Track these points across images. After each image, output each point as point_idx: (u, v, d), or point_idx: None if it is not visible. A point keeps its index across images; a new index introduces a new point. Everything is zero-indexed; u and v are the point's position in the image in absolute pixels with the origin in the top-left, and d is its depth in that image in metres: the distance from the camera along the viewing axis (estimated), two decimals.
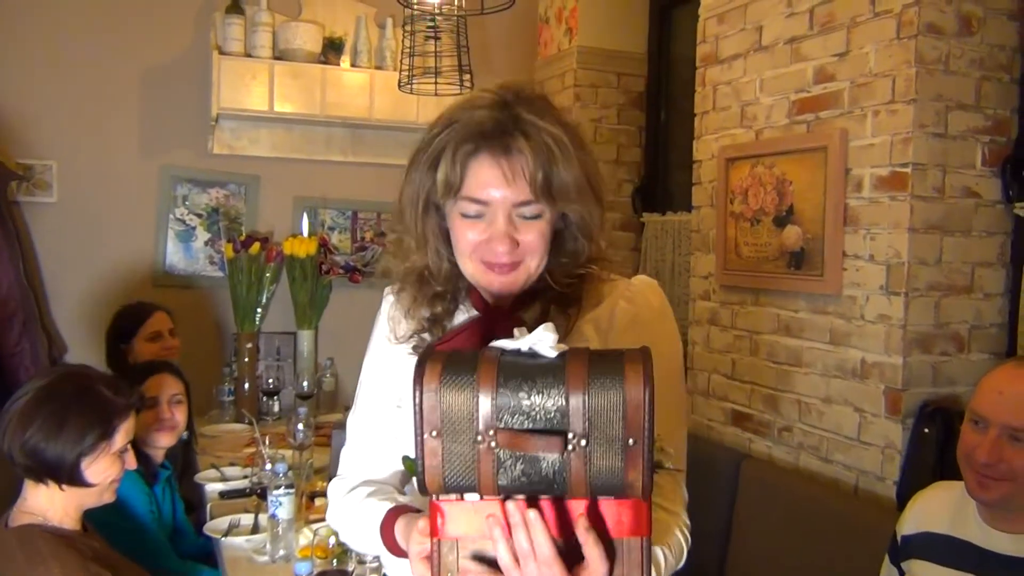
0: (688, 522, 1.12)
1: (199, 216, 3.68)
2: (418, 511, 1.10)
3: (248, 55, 3.50)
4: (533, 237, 1.10)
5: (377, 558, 1.88)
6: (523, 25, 4.06)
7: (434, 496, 0.88)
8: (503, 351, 0.89)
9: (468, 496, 0.88)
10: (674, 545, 1.07)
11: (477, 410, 0.84)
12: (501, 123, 1.07)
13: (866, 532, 2.09)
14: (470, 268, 1.13)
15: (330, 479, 2.55)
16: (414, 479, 1.13)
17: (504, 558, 0.87)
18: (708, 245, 3.00)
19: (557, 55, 3.96)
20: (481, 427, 0.84)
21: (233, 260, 3.54)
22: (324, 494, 2.36)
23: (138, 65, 3.54)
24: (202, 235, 3.68)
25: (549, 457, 0.83)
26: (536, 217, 1.10)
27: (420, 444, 0.85)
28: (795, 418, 2.60)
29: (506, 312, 1.14)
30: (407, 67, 2.83)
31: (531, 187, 1.07)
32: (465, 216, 1.11)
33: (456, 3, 2.68)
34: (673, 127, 3.75)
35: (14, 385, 2.92)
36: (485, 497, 0.87)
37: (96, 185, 3.49)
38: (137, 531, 1.98)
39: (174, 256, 3.64)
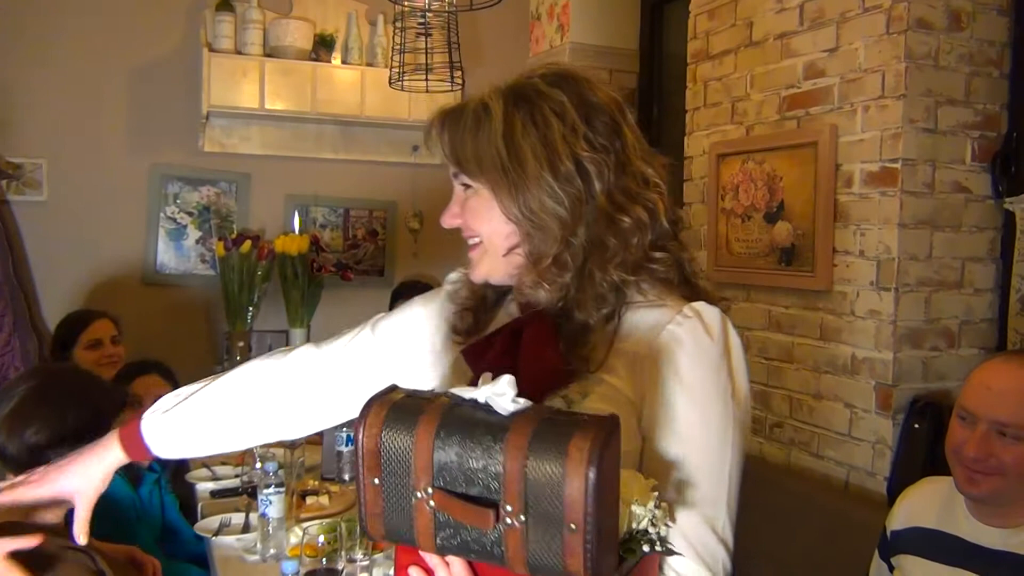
0: None
1: (190, 214, 3.66)
2: None
3: (238, 52, 3.49)
4: (469, 208, 1.04)
5: (367, 557, 1.88)
6: (515, 22, 4.04)
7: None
8: (460, 401, 0.80)
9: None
10: None
11: (413, 464, 0.77)
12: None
13: (857, 527, 2.09)
14: None
15: (322, 478, 2.56)
16: None
17: None
18: (699, 241, 3.00)
19: (549, 51, 3.94)
20: (419, 483, 0.77)
21: (224, 258, 3.52)
22: (315, 492, 2.36)
23: (128, 63, 3.52)
24: (193, 233, 3.67)
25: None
26: (466, 187, 1.05)
27: (361, 488, 0.80)
28: (786, 414, 2.61)
29: (536, 318, 1.00)
30: (398, 64, 2.82)
31: (450, 156, 1.04)
32: None
33: None
34: (665, 123, 3.75)
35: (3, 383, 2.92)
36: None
37: (86, 183, 3.47)
38: (122, 535, 1.97)
39: (165, 255, 3.63)
